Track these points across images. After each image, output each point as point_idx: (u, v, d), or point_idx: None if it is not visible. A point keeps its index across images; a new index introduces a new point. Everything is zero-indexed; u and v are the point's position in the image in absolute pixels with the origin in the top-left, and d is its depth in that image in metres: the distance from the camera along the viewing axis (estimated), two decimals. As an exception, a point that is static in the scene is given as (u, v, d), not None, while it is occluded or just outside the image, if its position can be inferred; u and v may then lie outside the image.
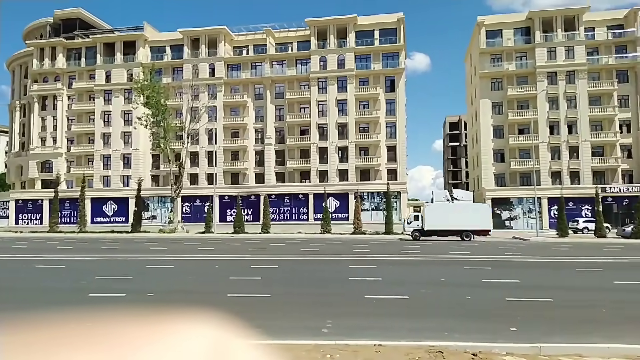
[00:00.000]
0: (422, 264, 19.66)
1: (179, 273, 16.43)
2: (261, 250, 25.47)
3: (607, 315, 9.62)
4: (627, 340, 7.27)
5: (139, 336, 0.52)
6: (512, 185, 56.47)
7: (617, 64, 55.37)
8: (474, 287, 13.13)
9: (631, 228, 38.73)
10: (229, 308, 9.71)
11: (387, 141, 59.88)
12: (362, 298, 11.24)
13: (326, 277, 15.34)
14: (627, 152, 55.20)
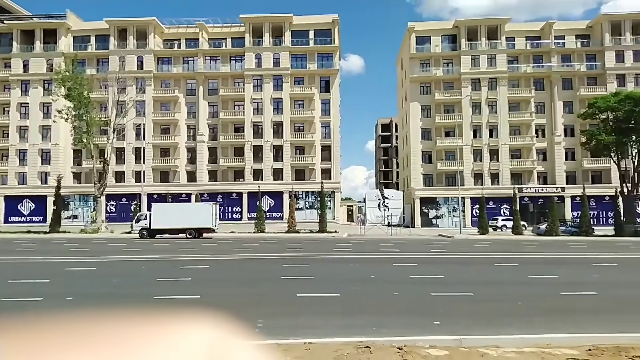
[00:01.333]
0: (354, 261, 20.04)
1: (101, 275, 15.59)
2: (192, 250, 24.79)
3: (522, 308, 10.32)
4: (539, 330, 7.84)
5: (139, 337, 0.52)
6: (439, 186, 59.08)
7: (534, 72, 59.56)
8: (401, 284, 13.58)
9: (545, 226, 41.89)
10: (154, 312, 9.33)
11: (321, 141, 60.48)
12: (294, 297, 11.26)
13: (259, 276, 15.22)
14: (542, 155, 59.55)
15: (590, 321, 8.91)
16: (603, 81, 57.97)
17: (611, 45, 58.06)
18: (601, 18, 59.37)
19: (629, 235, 39.30)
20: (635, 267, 19.20)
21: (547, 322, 8.72)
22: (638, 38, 58.08)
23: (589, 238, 38.35)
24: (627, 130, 41.49)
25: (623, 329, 8.01)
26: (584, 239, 36.89)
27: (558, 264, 19.74)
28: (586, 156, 55.97)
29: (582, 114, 46.90)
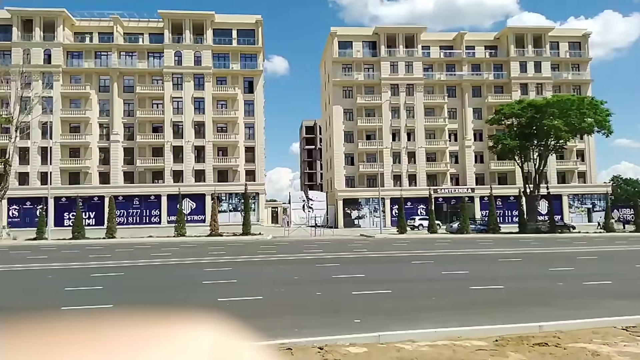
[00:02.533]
0: (279, 263, 19.99)
1: (1, 287, 14.21)
2: (105, 257, 23.37)
3: (436, 303, 10.86)
4: (451, 324, 8.29)
5: (140, 338, 0.50)
6: (361, 187, 60.69)
7: (447, 80, 63.14)
8: (324, 284, 13.76)
9: (457, 224, 44.44)
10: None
11: (245, 142, 59.75)
12: (216, 301, 11.00)
13: (179, 282, 14.68)
14: (455, 158, 63.25)
15: (498, 313, 9.57)
16: (508, 89, 62.77)
17: (515, 57, 63.05)
18: (507, 31, 64.29)
19: (531, 232, 42.80)
20: (536, 261, 20.95)
21: (458, 316, 9.24)
22: (538, 50, 63.56)
23: (496, 235, 41.26)
24: (529, 136, 45.20)
25: (526, 319, 8.68)
26: (491, 236, 39.63)
27: (469, 260, 21.03)
28: (493, 159, 60.21)
29: (490, 119, 50.52)
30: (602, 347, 6.59)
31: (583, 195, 61.74)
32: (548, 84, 62.79)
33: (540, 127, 43.26)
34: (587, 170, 63.23)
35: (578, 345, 6.71)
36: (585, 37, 65.45)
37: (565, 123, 42.22)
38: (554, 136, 43.76)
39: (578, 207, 61.40)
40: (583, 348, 6.56)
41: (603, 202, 56.63)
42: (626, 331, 7.56)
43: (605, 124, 43.60)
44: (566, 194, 60.56)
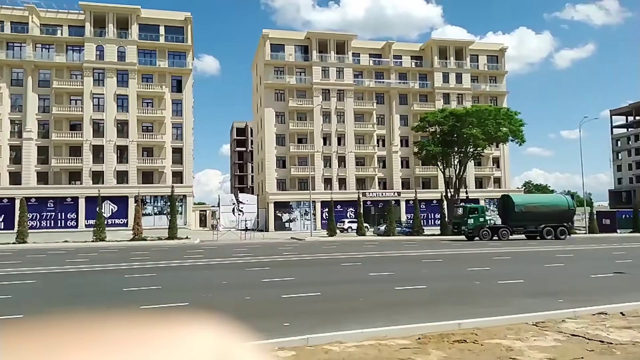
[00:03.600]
0: (206, 268, 19.49)
1: None
2: (14, 263, 21.55)
3: (363, 304, 11.11)
4: (377, 324, 8.50)
5: (142, 339, 0.49)
6: (292, 190, 60.82)
7: (376, 87, 65.07)
8: (253, 288, 13.60)
9: (384, 227, 45.83)
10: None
11: (173, 142, 57.79)
12: (138, 309, 10.50)
13: (97, 290, 13.86)
14: (383, 163, 65.25)
15: (421, 312, 9.96)
16: (432, 98, 65.87)
17: (439, 67, 66.31)
18: (431, 42, 67.45)
19: (452, 234, 45.05)
20: (456, 261, 22.07)
21: (385, 316, 9.51)
22: (459, 62, 67.27)
23: (420, 237, 43.01)
24: (450, 143, 47.71)
25: (447, 317, 9.10)
26: (416, 238, 41.26)
27: (395, 262, 21.74)
28: (418, 164, 62.84)
29: (415, 127, 52.78)
30: (515, 342, 7.07)
31: (498, 199, 66.01)
32: (468, 94, 66.64)
33: (461, 135, 45.79)
34: (502, 176, 67.77)
35: (494, 341, 7.15)
36: (502, 52, 70.25)
37: (483, 132, 45.03)
38: (473, 144, 46.50)
39: (494, 211, 65.56)
40: (498, 344, 7.00)
41: (516, 205, 60.87)
42: (536, 326, 8.16)
43: (518, 134, 47.02)
44: (483, 198, 64.43)
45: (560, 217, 38.02)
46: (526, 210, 37.41)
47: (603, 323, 8.27)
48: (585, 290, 13.01)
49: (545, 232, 37.35)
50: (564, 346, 6.74)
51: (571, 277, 16.03)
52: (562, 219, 38.10)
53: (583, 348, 6.63)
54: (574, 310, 9.25)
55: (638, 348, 6.61)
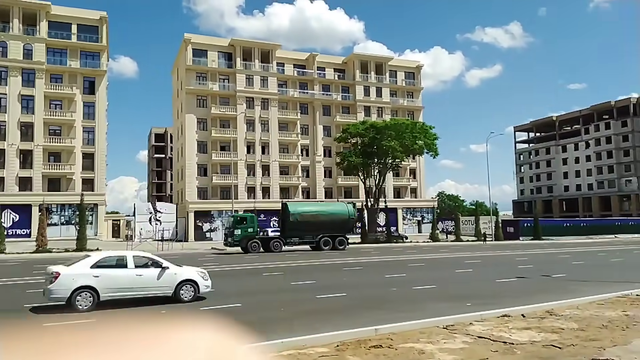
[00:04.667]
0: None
1: None
2: None
3: (284, 314, 11.10)
4: (298, 333, 8.53)
5: (139, 341, 0.50)
6: (214, 199, 59.41)
7: (300, 97, 65.70)
8: (170, 301, 13.07)
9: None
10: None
11: (83, 147, 54.23)
12: (41, 327, 9.66)
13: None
14: (306, 172, 65.86)
15: (341, 319, 10.14)
16: (354, 111, 67.73)
17: (360, 81, 68.43)
18: (353, 56, 69.52)
19: (372, 242, 46.43)
20: (374, 269, 22.76)
21: (306, 324, 9.57)
22: (379, 77, 69.89)
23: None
24: (371, 154, 49.33)
25: (364, 323, 9.35)
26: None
27: (316, 270, 21.97)
28: (341, 174, 64.11)
29: (338, 138, 54.02)
30: (427, 345, 7.42)
31: (414, 208, 69.15)
32: (387, 108, 69.36)
33: (380, 147, 47.53)
34: (418, 187, 71.12)
35: (408, 345, 7.45)
36: (419, 69, 74.06)
37: (401, 144, 47.10)
38: (392, 155, 48.45)
39: (410, 219, 68.56)
40: (412, 347, 7.31)
41: (430, 214, 64.12)
42: (446, 330, 8.63)
43: (433, 147, 49.72)
44: (401, 207, 67.16)
45: (341, 227, 36.60)
46: (302, 219, 35.31)
47: (506, 325, 8.94)
48: (491, 294, 13.98)
49: (322, 242, 35.50)
50: (471, 348, 7.19)
51: (479, 282, 17.15)
52: (343, 229, 36.78)
53: (488, 349, 7.11)
54: (481, 314, 9.91)
55: (535, 347, 7.22)
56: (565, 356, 6.54)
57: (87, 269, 11.83)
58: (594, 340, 7.41)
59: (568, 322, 9.02)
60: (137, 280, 12.24)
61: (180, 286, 12.65)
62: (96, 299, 11.59)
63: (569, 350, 6.86)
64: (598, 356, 6.42)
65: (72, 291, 11.37)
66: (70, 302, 11.34)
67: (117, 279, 12.05)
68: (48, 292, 11.41)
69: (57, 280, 11.33)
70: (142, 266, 12.61)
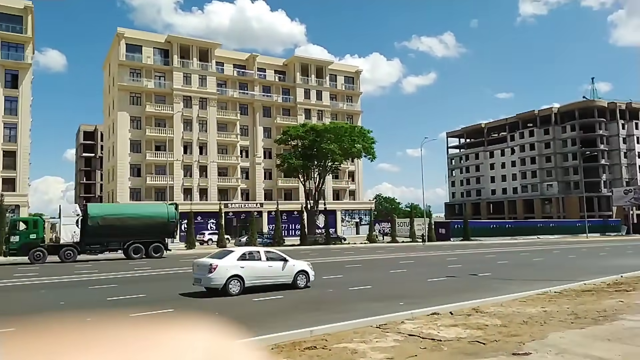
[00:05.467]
0: (41, 288, 17.26)
1: None
2: None
3: (219, 318, 10.87)
4: (234, 337, 8.38)
5: (136, 341, 0.49)
6: (148, 200, 57.23)
7: (240, 98, 64.88)
8: (96, 307, 12.44)
9: (245, 238, 45.66)
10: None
11: (4, 145, 50.40)
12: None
13: None
14: (246, 174, 65.09)
15: (277, 322, 10.09)
16: (295, 113, 67.88)
17: (301, 84, 68.71)
18: (294, 59, 69.69)
19: (311, 244, 46.74)
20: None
21: (241, 329, 9.41)
22: (320, 80, 70.50)
23: (280, 248, 43.61)
24: (311, 157, 49.58)
25: (300, 325, 9.35)
26: (276, 249, 41.80)
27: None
28: (281, 176, 63.98)
29: (278, 139, 53.87)
30: (360, 344, 7.56)
31: (353, 210, 70.35)
32: (327, 111, 70.12)
33: (320, 150, 47.91)
34: (357, 189, 72.44)
35: (341, 345, 7.55)
36: (358, 74, 75.50)
37: (340, 147, 47.74)
38: (331, 158, 48.99)
39: (349, 221, 69.68)
40: (345, 347, 7.42)
41: (368, 216, 65.51)
42: (379, 329, 8.83)
43: (370, 150, 50.81)
44: (339, 210, 68.09)
45: (159, 231, 32.21)
46: (105, 223, 30.32)
47: (435, 322, 9.29)
48: (423, 293, 14.49)
49: (132, 249, 30.99)
50: (401, 346, 7.41)
51: (412, 282, 17.72)
52: (161, 233, 32.53)
53: (417, 346, 7.36)
54: (412, 312, 10.24)
55: (461, 343, 7.56)
56: (488, 351, 6.90)
57: (235, 262, 14.27)
58: (515, 335, 7.87)
59: (492, 318, 9.53)
60: (269, 270, 14.93)
61: (297, 275, 15.46)
62: (242, 285, 14.18)
63: (492, 345, 7.24)
64: (518, 350, 6.83)
65: (227, 279, 13.90)
66: (225, 288, 13.85)
67: (255, 269, 14.65)
68: (208, 280, 13.88)
69: (215, 271, 13.77)
70: (271, 259, 15.19)
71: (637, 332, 7.91)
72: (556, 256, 31.65)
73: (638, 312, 9.71)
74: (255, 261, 14.82)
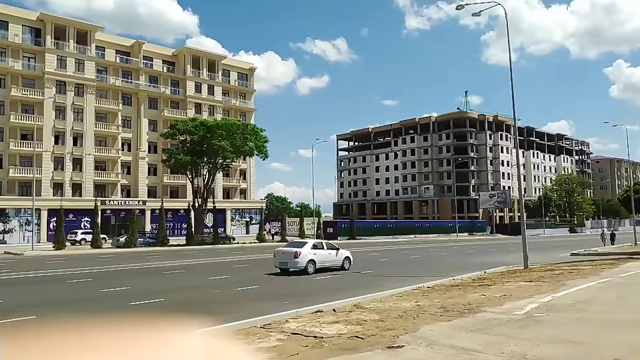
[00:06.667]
0: None
1: None
2: None
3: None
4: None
5: (132, 344, 0.53)
6: (10, 195, 50.95)
7: (123, 87, 60.51)
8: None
9: (125, 238, 42.69)
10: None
11: None
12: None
13: None
14: (127, 169, 60.89)
15: (153, 325, 9.49)
16: (184, 106, 65.10)
17: (192, 76, 66.10)
18: (185, 50, 66.91)
19: (198, 244, 45.16)
20: (198, 271, 22.11)
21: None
22: (212, 75, 68.48)
23: (164, 248, 41.64)
24: (200, 153, 47.89)
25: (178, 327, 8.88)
26: (160, 249, 39.77)
27: (133, 275, 20.41)
28: (167, 172, 60.95)
29: (165, 133, 51.13)
30: (243, 345, 7.38)
31: (243, 209, 69.50)
32: (219, 106, 68.39)
33: (210, 146, 46.53)
34: (248, 188, 71.69)
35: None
36: (252, 71, 74.77)
37: (231, 144, 46.80)
38: (222, 155, 47.82)
39: (239, 221, 68.70)
40: (226, 350, 7.18)
41: (259, 216, 65.18)
42: (263, 329, 8.74)
43: (263, 149, 50.57)
44: (229, 208, 66.81)
45: None
46: None
47: (318, 320, 9.44)
48: (308, 291, 14.72)
49: None
50: (284, 345, 7.39)
51: (297, 281, 17.92)
52: None
53: (300, 344, 7.39)
54: (297, 311, 10.30)
55: (341, 339, 7.75)
56: (365, 346, 7.16)
57: (310, 250, 19.39)
58: (391, 329, 8.28)
59: (371, 314, 9.95)
60: (328, 256, 20.27)
61: (344, 260, 20.77)
62: (315, 267, 19.18)
63: (369, 340, 7.53)
64: (392, 344, 7.18)
65: (306, 262, 18.83)
66: (305, 269, 18.73)
67: (321, 255, 19.86)
68: (294, 263, 18.71)
69: (300, 256, 18.65)
70: (328, 248, 20.59)
71: (495, 322, 8.79)
72: (431, 254, 34.31)
73: (497, 304, 10.82)
74: (320, 249, 20.05)
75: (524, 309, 10.10)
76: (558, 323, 8.76)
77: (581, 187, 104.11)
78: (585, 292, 12.48)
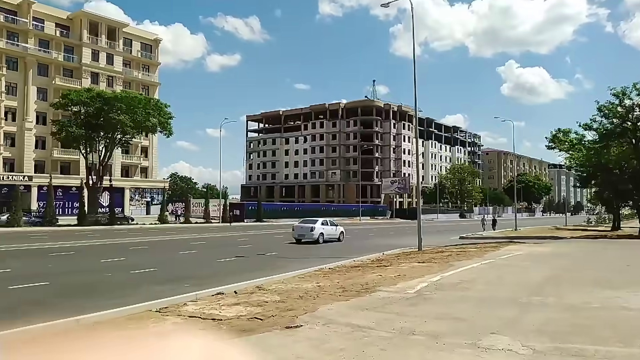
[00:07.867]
0: None
1: None
2: None
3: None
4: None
5: (132, 347, 0.53)
6: None
7: (7, 49, 54.17)
8: None
9: (7, 216, 38.73)
10: None
11: None
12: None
13: None
14: (11, 140, 54.98)
15: (39, 312, 8.75)
16: (79, 75, 59.86)
17: (88, 43, 60.88)
18: (82, 14, 61.37)
19: (91, 224, 42.13)
20: (89, 254, 20.69)
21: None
22: (112, 43, 63.58)
23: (52, 228, 38.39)
24: (96, 126, 44.42)
25: (69, 314, 8.27)
26: (47, 229, 36.60)
27: (14, 257, 18.63)
28: (57, 146, 55.94)
29: (56, 103, 46.65)
30: (135, 331, 7.03)
31: (144, 189, 66.11)
32: (119, 78, 63.85)
33: (108, 120, 43.33)
34: (150, 166, 68.20)
35: (114, 333, 6.91)
36: (157, 42, 70.62)
37: (132, 119, 43.94)
38: (121, 130, 44.80)
39: (139, 200, 65.25)
40: (118, 335, 6.81)
41: (161, 196, 62.42)
42: (159, 313, 8.40)
43: (167, 126, 48.19)
44: (128, 187, 63.21)
45: None
46: None
47: (218, 302, 9.29)
48: (211, 273, 14.43)
49: None
50: (179, 329, 7.17)
51: (200, 263, 17.52)
52: None
53: (196, 328, 7.22)
54: (196, 293, 10.05)
55: (241, 321, 7.70)
56: (264, 326, 7.19)
57: (320, 225, 26.02)
58: (291, 310, 8.40)
59: (273, 295, 10.01)
60: (331, 231, 26.94)
61: (339, 234, 27.64)
62: (323, 238, 25.49)
63: (269, 320, 7.57)
64: (291, 324, 7.28)
65: (318, 235, 25.24)
66: (317, 240, 25.01)
67: (328, 230, 26.56)
68: (310, 235, 25.23)
69: (314, 230, 25.24)
70: (332, 225, 27.48)
71: (388, 301, 9.28)
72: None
73: (391, 284, 11.42)
74: (326, 225, 26.72)
75: (415, 288, 10.78)
76: (444, 301, 9.48)
77: (472, 177, 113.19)
78: (470, 272, 13.62)
